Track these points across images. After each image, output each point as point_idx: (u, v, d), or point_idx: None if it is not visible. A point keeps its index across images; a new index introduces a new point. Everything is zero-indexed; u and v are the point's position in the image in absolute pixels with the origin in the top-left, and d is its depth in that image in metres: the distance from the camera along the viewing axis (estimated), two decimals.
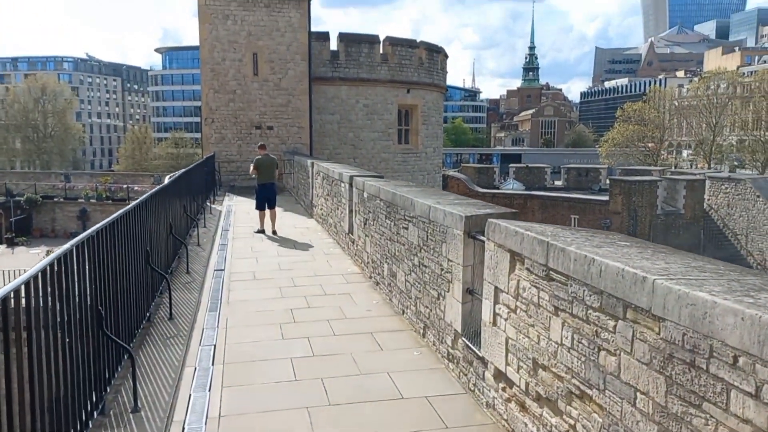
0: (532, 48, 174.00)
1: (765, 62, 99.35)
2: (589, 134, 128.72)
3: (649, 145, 72.68)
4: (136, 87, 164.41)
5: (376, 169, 29.60)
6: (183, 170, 12.59)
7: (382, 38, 29.23)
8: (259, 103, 26.19)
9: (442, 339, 6.00)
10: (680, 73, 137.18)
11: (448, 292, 5.77)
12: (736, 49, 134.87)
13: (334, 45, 28.41)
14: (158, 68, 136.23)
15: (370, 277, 9.19)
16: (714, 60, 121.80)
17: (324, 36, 28.25)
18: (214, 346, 6.48)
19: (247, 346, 6.49)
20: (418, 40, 30.74)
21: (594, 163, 64.27)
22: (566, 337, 3.69)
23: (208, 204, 18.29)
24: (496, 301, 4.69)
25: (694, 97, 78.90)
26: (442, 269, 5.92)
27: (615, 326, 3.22)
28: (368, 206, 9.22)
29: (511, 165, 53.86)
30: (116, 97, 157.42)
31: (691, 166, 75.00)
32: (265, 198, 13.82)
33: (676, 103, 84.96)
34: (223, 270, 9.99)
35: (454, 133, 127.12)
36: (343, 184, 11.44)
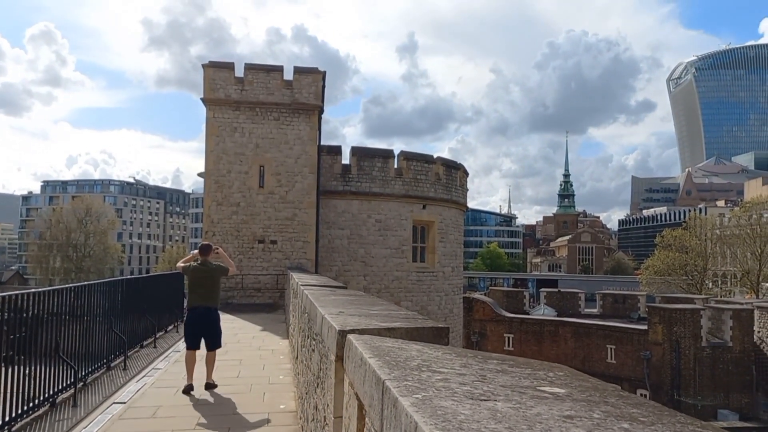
0: (566, 175, 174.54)
1: None
2: (628, 262, 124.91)
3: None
4: (178, 209, 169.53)
5: (389, 288, 27.58)
6: (103, 280, 10.55)
7: (396, 153, 28.32)
8: (264, 216, 24.93)
9: None
10: (720, 203, 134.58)
11: None
12: None
13: (346, 159, 27.51)
14: (200, 191, 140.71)
15: (300, 418, 6.91)
16: (754, 190, 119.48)
17: (336, 150, 27.45)
18: None
19: None
20: (435, 156, 29.68)
21: (635, 291, 60.82)
22: None
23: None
24: None
25: (736, 226, 76.25)
26: (324, 421, 3.74)
27: None
28: (301, 322, 7.15)
29: (542, 289, 50.92)
30: (158, 218, 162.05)
31: (731, 295, 70.84)
32: (197, 331, 8.90)
33: (718, 232, 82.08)
34: (124, 403, 7.83)
35: (489, 257, 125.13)
36: (299, 296, 9.42)
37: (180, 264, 9.58)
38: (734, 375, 31.06)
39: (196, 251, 9.41)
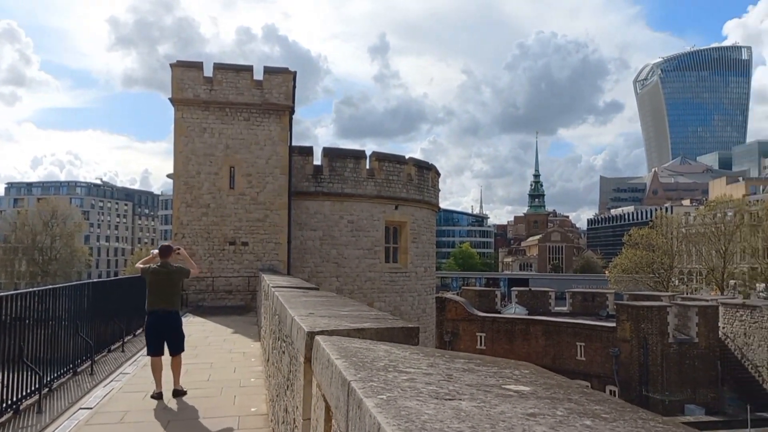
0: (536, 176, 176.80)
1: None
2: (597, 260, 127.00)
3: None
4: (146, 211, 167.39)
5: (362, 289, 27.56)
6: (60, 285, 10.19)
7: (368, 153, 28.32)
8: (234, 217, 24.67)
9: None
10: (686, 202, 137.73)
11: None
12: (740, 179, 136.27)
13: (318, 159, 27.41)
14: (169, 193, 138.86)
15: (271, 421, 6.86)
16: (719, 189, 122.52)
17: (307, 150, 27.33)
18: None
19: None
20: (407, 156, 29.77)
21: (604, 289, 61.80)
22: None
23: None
24: None
25: (701, 224, 78.13)
26: (294, 423, 3.71)
27: None
28: (272, 324, 7.11)
29: (513, 288, 51.45)
30: (126, 221, 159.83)
31: (697, 292, 72.65)
32: (158, 335, 8.54)
33: (684, 230, 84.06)
34: (90, 408, 7.68)
35: (462, 257, 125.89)
36: (269, 298, 9.35)
37: (139, 265, 9.17)
38: (700, 370, 31.76)
39: (156, 252, 9.14)
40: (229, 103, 24.65)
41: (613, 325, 33.87)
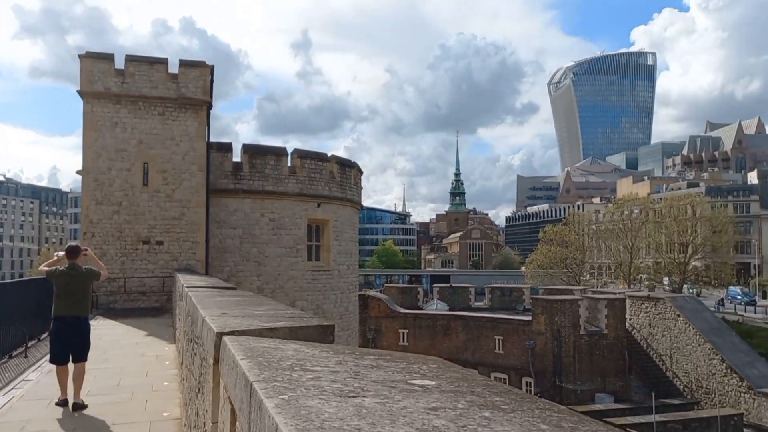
0: (457, 174, 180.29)
1: (672, 190, 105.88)
2: (515, 256, 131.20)
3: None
4: (54, 209, 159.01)
5: (284, 288, 27.21)
6: None
7: (290, 150, 27.99)
8: (149, 215, 23.75)
9: None
10: (596, 200, 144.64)
11: None
12: (645, 178, 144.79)
13: (237, 156, 26.81)
14: (78, 190, 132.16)
15: (185, 425, 6.63)
16: (626, 188, 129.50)
17: (226, 147, 26.68)
18: None
19: None
20: (329, 154, 29.62)
21: (521, 284, 63.90)
22: None
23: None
24: None
25: (610, 221, 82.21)
26: (204, 427, 3.59)
27: None
28: (185, 325, 6.88)
29: (435, 285, 52.36)
30: (32, 219, 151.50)
31: (605, 285, 76.55)
32: (64, 343, 7.88)
33: (594, 227, 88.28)
34: None
35: (385, 255, 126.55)
36: (183, 299, 9.05)
37: (44, 268, 8.49)
38: (609, 360, 33.42)
39: (62, 253, 8.52)
40: (142, 96, 23.70)
41: (529, 318, 35.08)
